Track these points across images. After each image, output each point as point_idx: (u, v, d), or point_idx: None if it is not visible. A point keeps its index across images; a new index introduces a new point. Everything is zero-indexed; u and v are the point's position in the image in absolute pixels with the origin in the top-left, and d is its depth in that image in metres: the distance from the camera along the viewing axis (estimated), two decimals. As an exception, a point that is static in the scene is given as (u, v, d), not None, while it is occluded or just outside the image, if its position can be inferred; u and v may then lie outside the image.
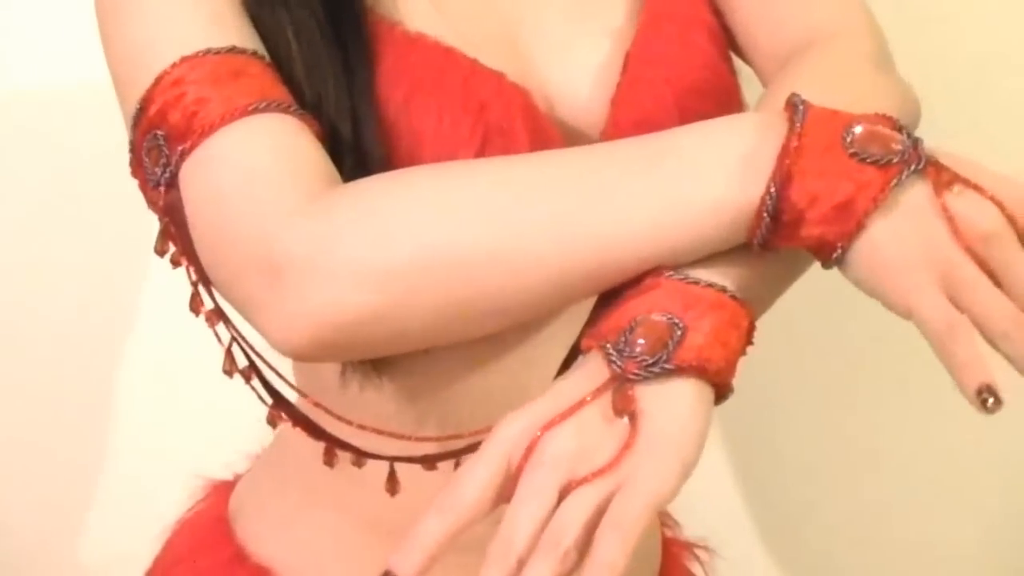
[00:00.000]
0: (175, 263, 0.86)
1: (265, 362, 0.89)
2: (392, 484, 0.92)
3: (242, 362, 0.89)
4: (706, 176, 0.72)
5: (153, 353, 1.56)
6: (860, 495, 1.67)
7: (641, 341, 0.69)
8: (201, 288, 0.86)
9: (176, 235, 0.83)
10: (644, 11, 0.97)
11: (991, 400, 0.64)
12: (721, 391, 0.72)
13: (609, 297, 0.74)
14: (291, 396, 0.94)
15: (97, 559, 1.63)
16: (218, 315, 0.87)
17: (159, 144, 0.80)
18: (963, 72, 1.49)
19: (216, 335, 0.87)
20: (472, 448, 0.87)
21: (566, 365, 0.76)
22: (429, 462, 0.91)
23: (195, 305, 0.86)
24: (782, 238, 0.71)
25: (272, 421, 0.91)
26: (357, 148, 0.86)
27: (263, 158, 0.78)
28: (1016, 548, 1.66)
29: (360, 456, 0.93)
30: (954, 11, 1.49)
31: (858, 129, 0.70)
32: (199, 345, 0.89)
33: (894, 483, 1.66)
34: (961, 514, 1.66)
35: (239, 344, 0.88)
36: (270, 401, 0.91)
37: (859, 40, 0.92)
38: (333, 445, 0.93)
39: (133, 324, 1.58)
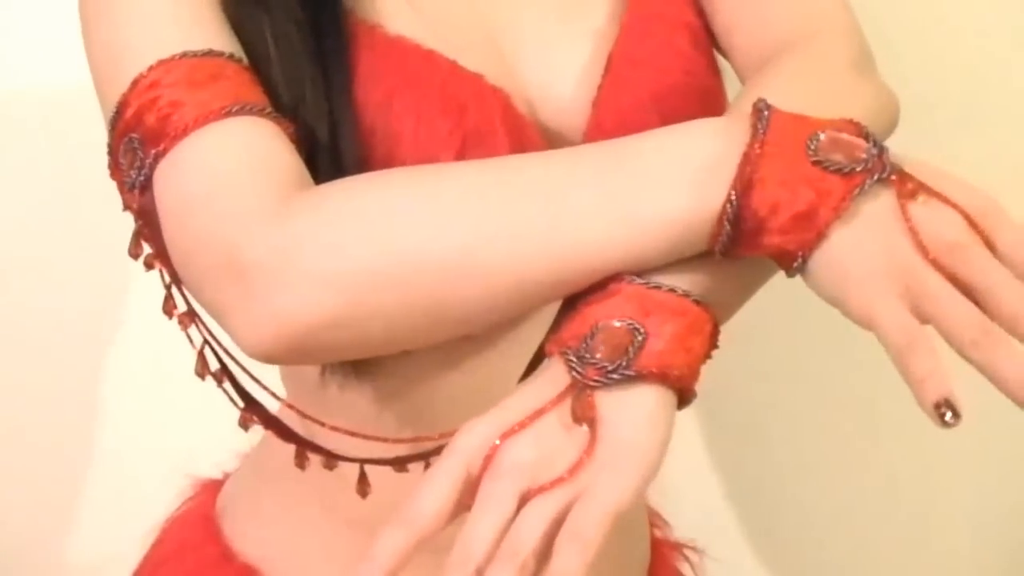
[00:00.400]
0: (148, 265, 0.86)
1: (239, 364, 0.89)
2: (363, 486, 0.93)
3: (215, 365, 0.89)
4: (663, 187, 0.72)
5: (143, 351, 1.56)
6: (851, 496, 1.67)
7: (601, 347, 0.69)
8: (174, 290, 0.86)
9: (150, 237, 0.83)
10: (627, 13, 0.97)
11: (949, 414, 0.63)
12: (684, 396, 0.72)
13: (573, 301, 0.74)
14: (264, 398, 0.94)
15: (87, 558, 1.64)
16: (191, 317, 0.87)
17: (134, 147, 0.81)
18: (959, 74, 1.48)
19: (188, 338, 0.88)
20: (442, 450, 0.88)
21: (532, 367, 0.76)
22: (399, 464, 0.91)
23: (168, 307, 0.87)
24: (743, 246, 0.71)
25: (244, 423, 0.92)
26: (334, 150, 0.86)
27: (233, 162, 0.78)
28: (1006, 548, 1.65)
29: (331, 458, 0.93)
30: (951, 13, 1.48)
31: (823, 136, 0.70)
32: (189, 344, 0.89)
33: (885, 484, 1.66)
34: (951, 513, 1.66)
35: (211, 347, 0.89)
36: (242, 404, 0.91)
37: (837, 42, 0.91)
38: (304, 448, 0.94)
39: (123, 322, 1.59)
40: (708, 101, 0.96)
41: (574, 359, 0.69)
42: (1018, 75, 1.49)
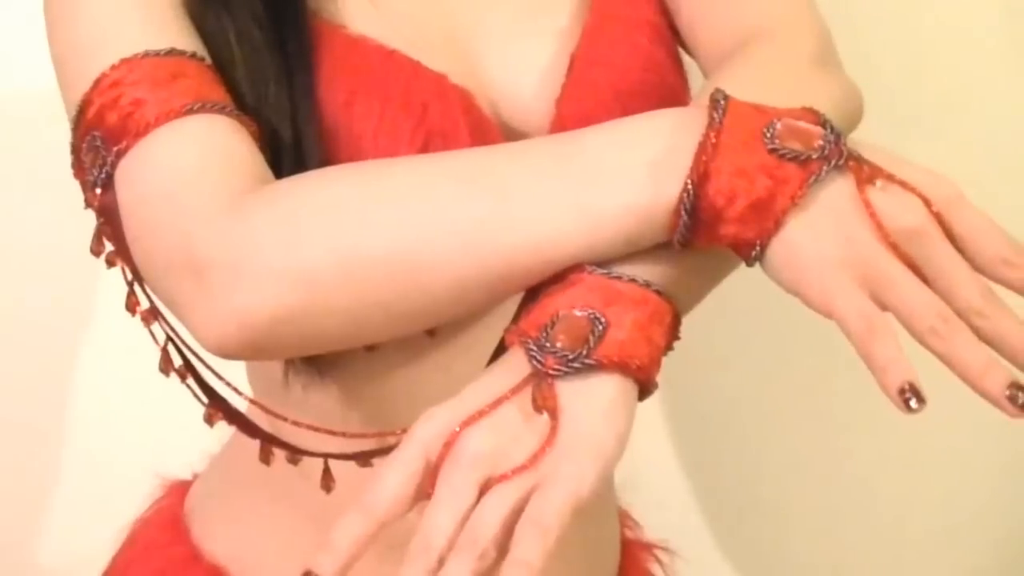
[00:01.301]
0: (110, 263, 0.86)
1: (201, 360, 0.90)
2: (327, 481, 0.92)
3: (179, 361, 0.90)
4: (620, 177, 0.72)
5: (112, 352, 1.56)
6: (822, 495, 1.67)
7: (562, 336, 0.69)
8: (136, 287, 0.86)
9: (111, 235, 0.84)
10: (590, 12, 0.97)
11: (914, 400, 0.63)
12: (645, 387, 0.71)
13: (534, 292, 0.74)
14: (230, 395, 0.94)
15: (56, 560, 1.63)
16: (153, 314, 0.87)
17: (96, 145, 0.81)
18: (929, 70, 1.49)
19: (151, 334, 0.88)
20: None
21: (493, 361, 0.76)
22: (363, 458, 0.91)
23: (131, 304, 0.87)
24: (701, 237, 0.71)
25: (209, 419, 0.92)
26: (297, 150, 0.86)
27: (193, 158, 0.79)
28: (980, 545, 1.66)
29: (295, 453, 0.93)
30: (922, 10, 1.49)
31: (779, 124, 0.70)
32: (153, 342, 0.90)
33: (857, 483, 1.66)
34: (924, 511, 1.66)
35: (174, 343, 0.89)
36: (206, 400, 0.92)
37: (800, 37, 0.91)
38: (268, 443, 0.94)
39: (91, 323, 1.59)
40: (672, 99, 0.96)
41: (534, 348, 0.69)
42: (986, 71, 1.50)
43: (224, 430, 0.97)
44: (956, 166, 0.74)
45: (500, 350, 0.75)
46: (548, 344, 0.69)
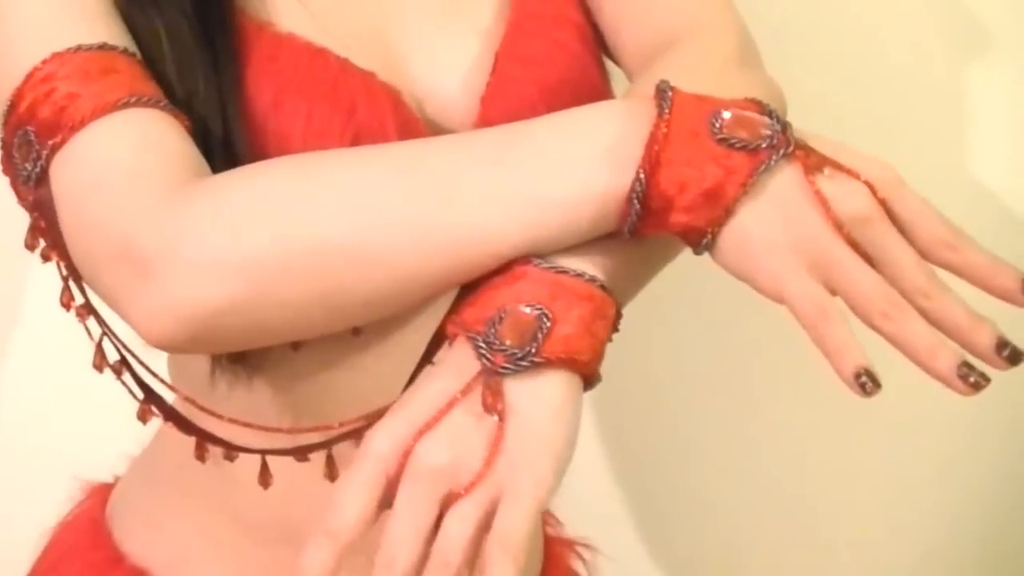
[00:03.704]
0: (45, 258, 0.86)
1: (135, 357, 0.89)
2: (264, 477, 0.92)
3: (113, 357, 0.89)
4: (568, 167, 0.72)
5: (33, 355, 1.53)
6: (748, 493, 1.68)
7: (509, 333, 0.69)
8: (71, 283, 0.86)
9: (46, 230, 0.83)
10: (513, 11, 0.98)
11: (869, 384, 0.65)
12: (588, 380, 0.72)
13: (474, 283, 0.74)
14: (163, 391, 0.93)
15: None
16: (88, 310, 0.87)
17: (29, 140, 0.80)
18: (846, 72, 1.52)
19: (87, 330, 0.87)
20: (343, 437, 0.89)
21: (429, 352, 0.77)
22: (300, 453, 0.91)
23: (65, 299, 0.86)
24: (651, 226, 0.72)
25: (142, 416, 0.91)
26: (228, 146, 0.86)
27: (128, 152, 0.78)
28: (911, 545, 1.68)
29: (230, 450, 0.93)
30: (840, 10, 1.52)
31: (726, 115, 0.71)
32: (83, 343, 0.88)
33: (783, 481, 1.67)
34: (849, 510, 1.68)
35: (109, 339, 0.88)
36: (141, 396, 0.91)
37: (722, 38, 0.93)
38: (203, 439, 0.93)
39: (13, 321, 1.55)
40: (596, 96, 0.97)
41: (483, 345, 0.69)
42: (911, 68, 1.53)
43: (145, 432, 0.96)
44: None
45: (438, 339, 0.75)
46: (496, 341, 0.69)
